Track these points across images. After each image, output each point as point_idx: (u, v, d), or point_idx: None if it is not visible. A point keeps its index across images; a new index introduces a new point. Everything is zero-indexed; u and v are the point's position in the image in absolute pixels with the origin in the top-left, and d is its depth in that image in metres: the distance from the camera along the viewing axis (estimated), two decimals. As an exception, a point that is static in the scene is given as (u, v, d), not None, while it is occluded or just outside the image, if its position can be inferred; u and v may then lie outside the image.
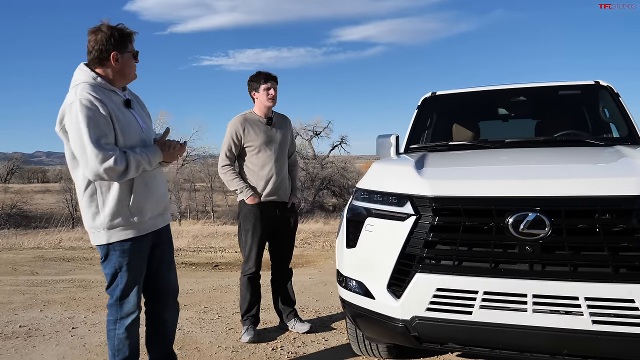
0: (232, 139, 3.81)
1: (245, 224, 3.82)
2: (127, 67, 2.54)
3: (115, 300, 2.58)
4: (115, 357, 2.63)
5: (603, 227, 2.19)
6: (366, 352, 3.30)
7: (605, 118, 3.98)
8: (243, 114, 3.90)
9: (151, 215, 2.60)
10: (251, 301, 3.89)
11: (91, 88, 2.40)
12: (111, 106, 2.42)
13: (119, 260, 2.52)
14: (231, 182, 3.82)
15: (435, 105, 4.52)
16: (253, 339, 3.78)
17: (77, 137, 2.33)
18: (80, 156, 2.36)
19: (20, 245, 10.60)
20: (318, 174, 42.60)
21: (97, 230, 2.50)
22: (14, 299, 5.24)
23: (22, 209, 37.81)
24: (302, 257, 9.07)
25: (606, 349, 2.16)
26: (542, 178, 2.45)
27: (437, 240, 2.43)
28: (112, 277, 2.56)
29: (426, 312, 2.41)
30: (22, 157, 75.35)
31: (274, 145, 3.85)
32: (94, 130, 2.32)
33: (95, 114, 2.33)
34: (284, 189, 3.92)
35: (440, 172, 2.89)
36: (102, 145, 2.33)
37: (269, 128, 3.87)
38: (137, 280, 2.60)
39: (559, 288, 2.19)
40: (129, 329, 2.61)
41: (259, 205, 3.80)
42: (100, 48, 2.45)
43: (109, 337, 2.63)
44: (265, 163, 3.81)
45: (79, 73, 2.48)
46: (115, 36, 2.47)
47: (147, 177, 2.57)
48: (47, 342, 3.85)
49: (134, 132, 2.52)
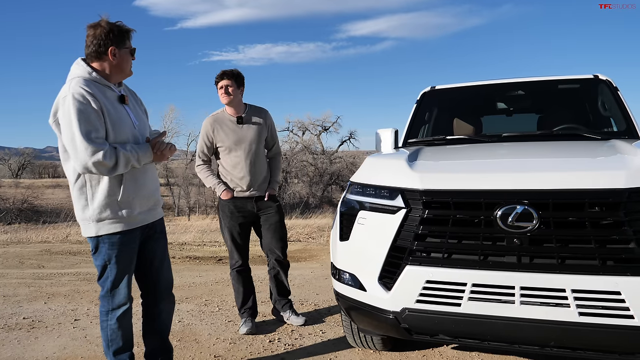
0: (204, 140, 3.93)
1: (223, 219, 3.91)
2: (124, 63, 2.58)
3: (106, 292, 2.63)
4: (109, 348, 2.68)
5: (590, 220, 2.20)
6: (361, 344, 3.33)
7: (604, 112, 3.97)
8: (214, 114, 3.96)
9: (140, 210, 2.63)
10: (245, 293, 3.96)
11: (85, 82, 2.43)
12: (103, 101, 2.45)
13: (108, 253, 2.56)
14: (206, 179, 3.94)
15: (434, 100, 4.52)
16: (250, 331, 3.83)
17: (69, 129, 2.37)
18: (71, 149, 2.39)
19: (28, 239, 10.74)
20: (327, 169, 42.67)
21: (86, 222, 2.54)
22: (19, 291, 5.33)
23: (32, 204, 38.18)
24: (306, 251, 9.11)
25: (593, 340, 2.17)
26: (530, 171, 2.45)
27: (427, 233, 2.45)
28: (102, 269, 2.60)
29: (416, 304, 2.43)
30: (33, 153, 76.10)
31: (243, 144, 3.87)
32: (84, 124, 2.35)
33: (86, 108, 2.37)
34: (260, 184, 3.94)
35: (431, 165, 2.91)
36: (92, 138, 2.36)
37: (239, 127, 3.89)
38: (126, 272, 2.63)
39: (547, 280, 2.20)
40: (120, 320, 2.65)
41: (234, 200, 3.87)
42: (98, 42, 2.49)
43: (102, 329, 2.69)
44: (236, 163, 3.87)
45: (75, 67, 2.52)
46: (114, 32, 2.51)
47: (137, 172, 2.60)
48: (50, 333, 3.92)
49: (125, 128, 2.55)
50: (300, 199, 37.90)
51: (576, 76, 4.12)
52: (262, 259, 8.28)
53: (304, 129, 45.40)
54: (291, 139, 44.66)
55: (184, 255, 8.54)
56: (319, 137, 45.34)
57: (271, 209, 3.98)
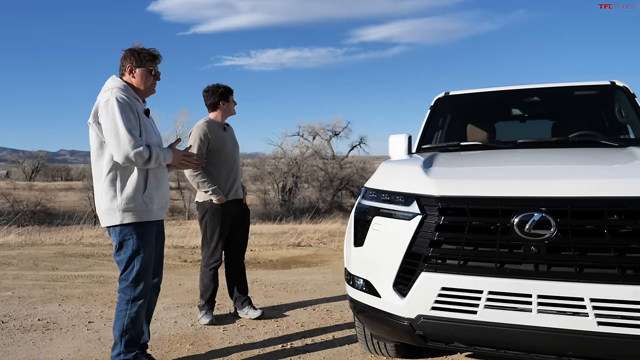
0: (200, 142, 4.14)
1: (213, 222, 4.19)
2: (143, 80, 3.00)
3: (130, 282, 2.90)
4: (123, 337, 2.89)
5: (609, 228, 2.17)
6: (374, 350, 3.31)
7: (621, 119, 3.93)
8: (206, 120, 4.27)
9: (158, 206, 2.99)
10: (213, 289, 4.30)
11: (123, 92, 2.86)
12: (139, 109, 2.91)
13: (137, 243, 2.87)
14: (202, 183, 4.13)
15: (448, 106, 4.51)
16: (212, 322, 4.21)
17: (112, 126, 2.74)
18: (114, 142, 2.74)
19: (42, 242, 10.82)
20: (337, 174, 42.66)
21: (112, 211, 2.84)
22: (33, 293, 5.37)
23: (45, 207, 38.56)
24: (317, 257, 9.09)
25: (611, 350, 2.14)
26: (548, 179, 2.43)
27: (442, 240, 2.44)
28: (129, 260, 2.88)
29: (431, 311, 2.42)
30: (46, 156, 77.02)
31: (232, 149, 4.31)
32: (127, 122, 2.76)
33: (128, 110, 2.80)
34: (240, 188, 4.37)
35: (447, 172, 2.89)
36: (133, 134, 2.76)
37: (227, 134, 4.34)
38: (150, 262, 2.95)
39: (564, 289, 2.18)
40: (140, 310, 2.93)
41: (224, 204, 4.18)
42: (123, 61, 2.98)
43: (118, 318, 2.90)
44: (228, 166, 4.24)
45: (111, 81, 2.94)
46: (134, 54, 2.97)
47: (159, 172, 3.00)
48: (64, 335, 3.95)
49: (152, 135, 2.98)
50: (310, 204, 37.87)
51: (592, 82, 4.09)
52: (269, 263, 8.29)
53: (315, 134, 45.48)
54: (301, 144, 44.76)
55: (195, 259, 8.56)
56: (330, 142, 45.41)
57: (246, 213, 4.48)
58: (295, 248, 10.64)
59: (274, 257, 9.17)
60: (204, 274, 4.29)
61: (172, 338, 3.88)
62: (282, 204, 39.96)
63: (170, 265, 7.92)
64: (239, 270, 4.43)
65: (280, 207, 38.35)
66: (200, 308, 4.31)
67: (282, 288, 5.80)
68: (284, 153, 43.67)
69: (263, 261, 8.63)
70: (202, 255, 4.33)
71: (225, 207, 4.18)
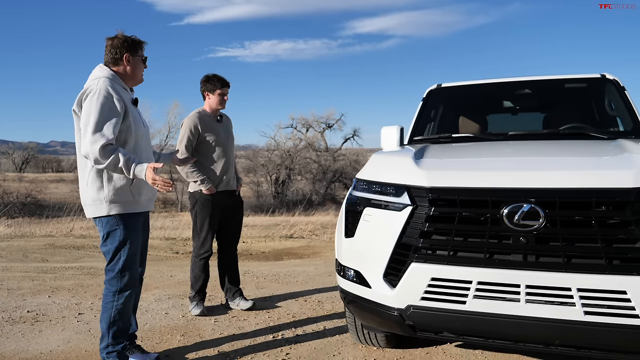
0: (190, 134, 4.14)
1: (203, 212, 4.18)
2: (137, 69, 2.98)
3: (116, 274, 2.87)
4: (110, 329, 2.88)
5: (597, 219, 2.19)
6: (365, 341, 3.33)
7: (611, 111, 3.95)
8: (197, 111, 4.24)
9: (145, 197, 2.98)
10: (204, 280, 4.30)
11: (110, 82, 2.80)
12: (126, 100, 2.84)
13: (124, 234, 2.84)
14: (192, 174, 4.13)
15: (440, 98, 4.51)
16: (203, 312, 4.22)
17: (86, 117, 2.70)
18: (83, 132, 2.70)
19: (32, 233, 10.75)
20: (330, 167, 42.62)
21: (99, 202, 2.81)
22: (23, 285, 5.34)
23: (36, 198, 38.21)
24: (309, 248, 9.12)
25: (597, 340, 2.17)
26: (537, 170, 2.45)
27: (432, 231, 2.45)
28: (115, 251, 2.85)
29: (421, 301, 2.43)
30: (37, 147, 76.19)
31: (225, 140, 4.27)
32: (101, 117, 2.68)
33: (108, 104, 2.72)
34: (233, 179, 4.34)
35: (437, 163, 2.90)
36: (102, 131, 2.67)
37: (220, 125, 4.29)
38: (136, 254, 2.93)
39: (552, 279, 2.20)
40: (127, 301, 2.90)
41: (214, 195, 4.17)
42: (115, 50, 2.90)
43: (105, 310, 2.88)
44: (220, 156, 4.22)
45: (98, 70, 2.88)
46: (128, 42, 2.93)
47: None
48: (54, 327, 3.94)
49: (140, 125, 2.94)
50: (303, 196, 37.84)
51: (583, 75, 4.10)
52: (261, 255, 8.29)
53: (308, 126, 45.35)
54: (295, 136, 44.62)
55: (187, 250, 8.55)
56: (323, 134, 45.31)
57: (239, 204, 4.46)
58: (287, 240, 10.66)
59: (266, 248, 9.18)
60: (194, 265, 4.30)
61: (163, 329, 3.87)
62: (275, 196, 39.90)
63: (161, 256, 7.91)
64: (231, 261, 4.43)
65: (273, 199, 38.28)
66: (191, 299, 4.32)
67: (274, 279, 5.81)
68: (277, 145, 43.55)
69: (255, 253, 8.64)
70: (193, 246, 4.33)
71: (216, 197, 4.18)
